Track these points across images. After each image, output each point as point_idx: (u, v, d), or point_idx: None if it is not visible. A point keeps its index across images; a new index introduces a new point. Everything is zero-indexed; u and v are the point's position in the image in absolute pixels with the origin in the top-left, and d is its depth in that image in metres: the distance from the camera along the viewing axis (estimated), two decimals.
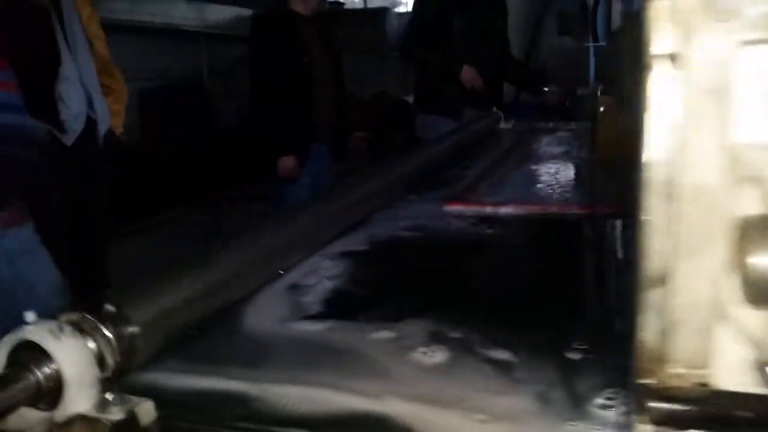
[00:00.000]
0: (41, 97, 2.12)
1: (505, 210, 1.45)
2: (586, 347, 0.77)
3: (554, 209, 1.43)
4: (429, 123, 3.44)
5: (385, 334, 0.83)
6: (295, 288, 1.03)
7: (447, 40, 3.25)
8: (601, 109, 2.26)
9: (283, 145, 3.01)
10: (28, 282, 1.75)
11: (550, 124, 3.26)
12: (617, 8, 3.50)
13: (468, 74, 3.19)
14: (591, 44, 3.69)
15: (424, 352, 0.77)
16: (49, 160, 2.06)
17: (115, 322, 0.63)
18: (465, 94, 3.28)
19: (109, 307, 0.64)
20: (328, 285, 1.05)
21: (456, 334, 0.82)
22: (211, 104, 7.29)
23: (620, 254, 1.07)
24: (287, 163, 2.99)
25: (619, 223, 1.17)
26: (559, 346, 0.77)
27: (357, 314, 0.92)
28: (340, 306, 0.97)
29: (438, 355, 0.76)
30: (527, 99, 4.46)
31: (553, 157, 2.28)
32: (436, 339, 0.80)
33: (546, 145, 2.64)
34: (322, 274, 1.11)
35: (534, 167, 2.03)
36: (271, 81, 3.02)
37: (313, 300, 0.99)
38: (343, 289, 1.04)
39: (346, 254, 1.19)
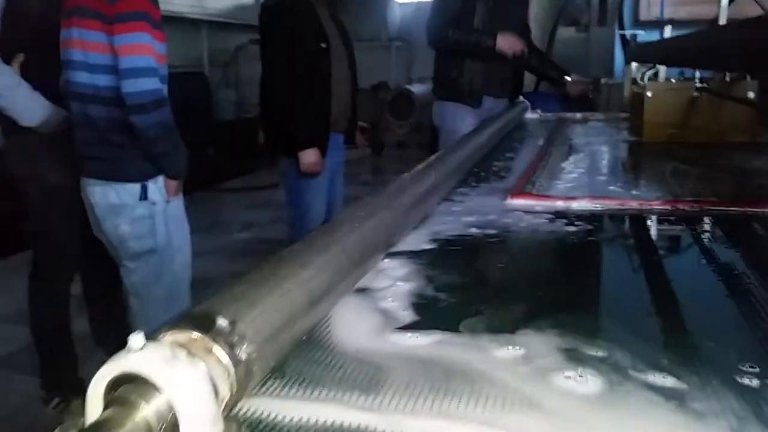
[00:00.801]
0: None
1: (579, 204, 1.33)
2: (757, 370, 0.65)
3: (634, 204, 1.31)
4: (447, 111, 3.32)
5: (510, 351, 0.71)
6: (368, 292, 0.91)
7: (471, 27, 3.13)
8: (649, 94, 2.21)
9: (305, 138, 2.87)
10: (173, 250, 1.99)
11: (578, 115, 3.15)
12: None
13: (505, 41, 3.03)
14: (619, 32, 3.57)
15: (571, 377, 0.65)
16: None
17: (230, 342, 0.51)
18: (486, 82, 3.15)
19: (222, 323, 0.51)
20: (405, 288, 0.93)
21: (597, 353, 0.70)
22: (210, 93, 7.13)
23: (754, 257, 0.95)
24: (310, 156, 2.85)
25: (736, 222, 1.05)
26: (725, 367, 0.65)
27: (459, 325, 0.80)
28: (434, 314, 0.85)
29: (590, 381, 0.64)
30: (546, 89, 4.35)
31: (596, 147, 2.17)
32: (576, 359, 0.68)
33: (583, 135, 2.52)
34: (391, 275, 0.99)
35: (582, 158, 1.92)
36: (291, 70, 2.86)
37: (398, 307, 0.86)
38: (426, 294, 0.92)
39: (413, 254, 1.06)
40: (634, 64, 3.10)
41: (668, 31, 2.59)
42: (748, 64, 1.55)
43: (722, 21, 2.34)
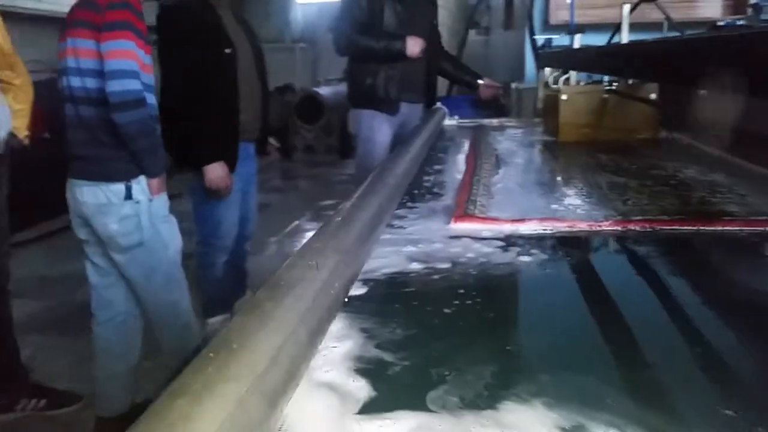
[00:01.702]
0: None
1: (528, 228, 1.24)
2: None
3: (584, 226, 1.24)
4: (364, 119, 3.19)
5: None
6: None
7: (380, 32, 3.01)
8: (564, 97, 2.29)
9: (210, 151, 2.64)
10: (164, 242, 2.13)
11: (495, 121, 3.12)
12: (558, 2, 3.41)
13: (415, 44, 2.95)
14: (530, 37, 3.58)
15: None
16: None
17: None
18: (402, 88, 3.06)
19: None
20: (341, 351, 0.79)
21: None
22: None
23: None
24: (217, 171, 2.62)
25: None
26: None
27: (426, 400, 0.68)
28: (389, 386, 0.72)
29: None
30: (458, 93, 4.33)
31: (521, 154, 2.12)
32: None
33: (506, 142, 2.48)
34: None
35: (512, 170, 1.85)
36: (193, 78, 2.62)
37: (344, 380, 0.73)
38: (370, 356, 0.78)
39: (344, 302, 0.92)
40: (547, 69, 3.11)
41: (578, 39, 2.64)
42: (650, 72, 1.60)
43: (625, 26, 2.43)
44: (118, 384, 2.26)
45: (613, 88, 2.38)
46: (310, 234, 0.99)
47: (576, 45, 2.67)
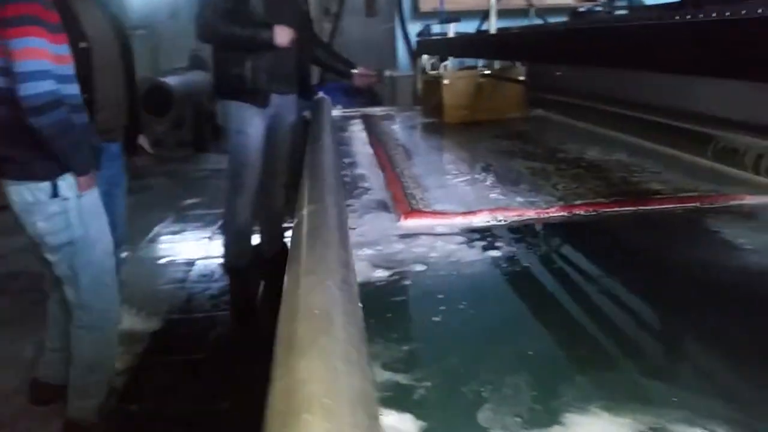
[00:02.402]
0: None
1: (480, 219, 1.21)
2: None
3: (532, 213, 1.23)
4: (232, 111, 3.00)
5: None
6: None
7: (247, 20, 2.84)
8: (446, 81, 2.38)
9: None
10: (91, 240, 2.06)
11: (378, 109, 3.09)
12: None
13: (283, 33, 2.82)
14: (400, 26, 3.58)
15: None
16: None
17: None
18: (272, 79, 2.92)
19: None
20: None
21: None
22: None
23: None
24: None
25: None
26: None
27: (478, 417, 0.62)
28: (427, 410, 0.65)
29: None
30: (332, 81, 4.24)
31: (428, 143, 2.11)
32: None
33: (400, 129, 2.46)
34: None
35: (426, 158, 1.83)
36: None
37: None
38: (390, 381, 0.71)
39: None
40: (424, 56, 3.13)
41: (453, 28, 2.71)
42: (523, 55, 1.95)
43: (493, 15, 2.54)
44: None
45: (487, 72, 2.55)
46: (179, 238, 0.87)
47: (450, 34, 2.73)
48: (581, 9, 3.10)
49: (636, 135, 1.88)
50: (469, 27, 3.30)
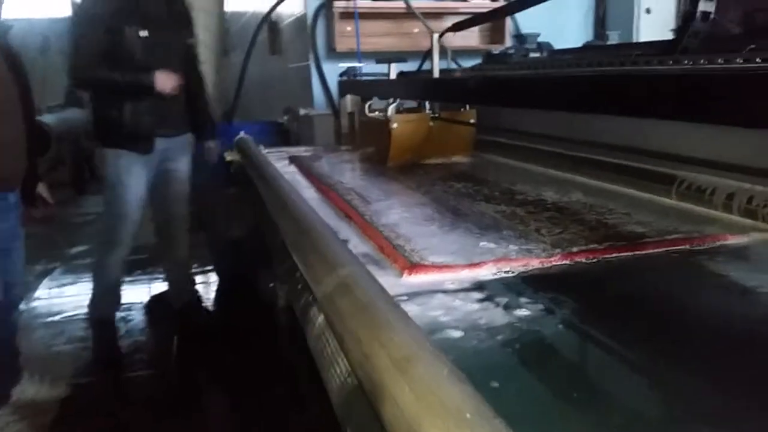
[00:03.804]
0: None
1: (487, 272, 1.15)
2: None
3: (536, 263, 1.19)
4: (111, 160, 2.77)
5: None
6: None
7: (127, 63, 2.64)
8: (395, 125, 2.32)
9: None
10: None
11: (303, 150, 2.98)
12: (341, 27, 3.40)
13: (164, 79, 2.65)
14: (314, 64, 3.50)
15: None
16: None
17: None
18: (156, 122, 2.72)
19: None
20: None
21: None
22: None
23: None
24: None
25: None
26: None
27: None
28: None
29: None
30: (243, 119, 4.06)
31: (381, 187, 2.01)
32: None
33: (341, 171, 2.36)
34: None
35: (389, 203, 1.74)
36: None
37: None
38: None
39: None
40: (348, 98, 3.08)
41: (394, 68, 2.68)
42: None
43: (435, 55, 2.43)
44: None
45: (437, 114, 2.49)
46: (72, 291, 0.75)
47: (393, 75, 2.66)
48: (495, 52, 3.20)
49: (585, 175, 1.92)
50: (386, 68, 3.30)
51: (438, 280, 1.12)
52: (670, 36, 3.69)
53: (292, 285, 1.14)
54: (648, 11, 3.79)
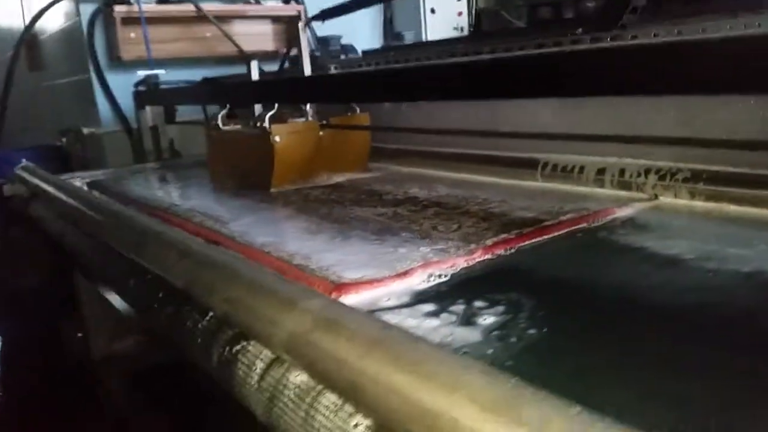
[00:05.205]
0: None
1: (419, 279, 1.02)
2: None
3: (461, 261, 1.09)
4: None
5: None
6: None
7: None
8: (277, 138, 1.88)
9: None
10: None
11: (100, 173, 2.56)
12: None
13: None
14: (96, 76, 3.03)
15: None
16: None
17: None
18: None
19: None
20: None
21: None
22: None
23: None
24: None
25: None
26: None
27: None
28: None
29: None
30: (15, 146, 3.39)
31: (229, 204, 1.77)
32: None
33: (171, 192, 2.05)
34: None
35: (250, 220, 1.52)
36: None
37: None
38: None
39: None
40: (149, 110, 2.73)
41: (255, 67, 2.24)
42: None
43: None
44: None
45: (327, 122, 2.07)
46: None
47: (254, 76, 2.24)
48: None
49: (442, 168, 1.89)
50: (183, 75, 3.00)
51: (371, 297, 0.97)
52: (455, 34, 3.94)
53: (204, 332, 0.91)
54: (433, 11, 3.97)
